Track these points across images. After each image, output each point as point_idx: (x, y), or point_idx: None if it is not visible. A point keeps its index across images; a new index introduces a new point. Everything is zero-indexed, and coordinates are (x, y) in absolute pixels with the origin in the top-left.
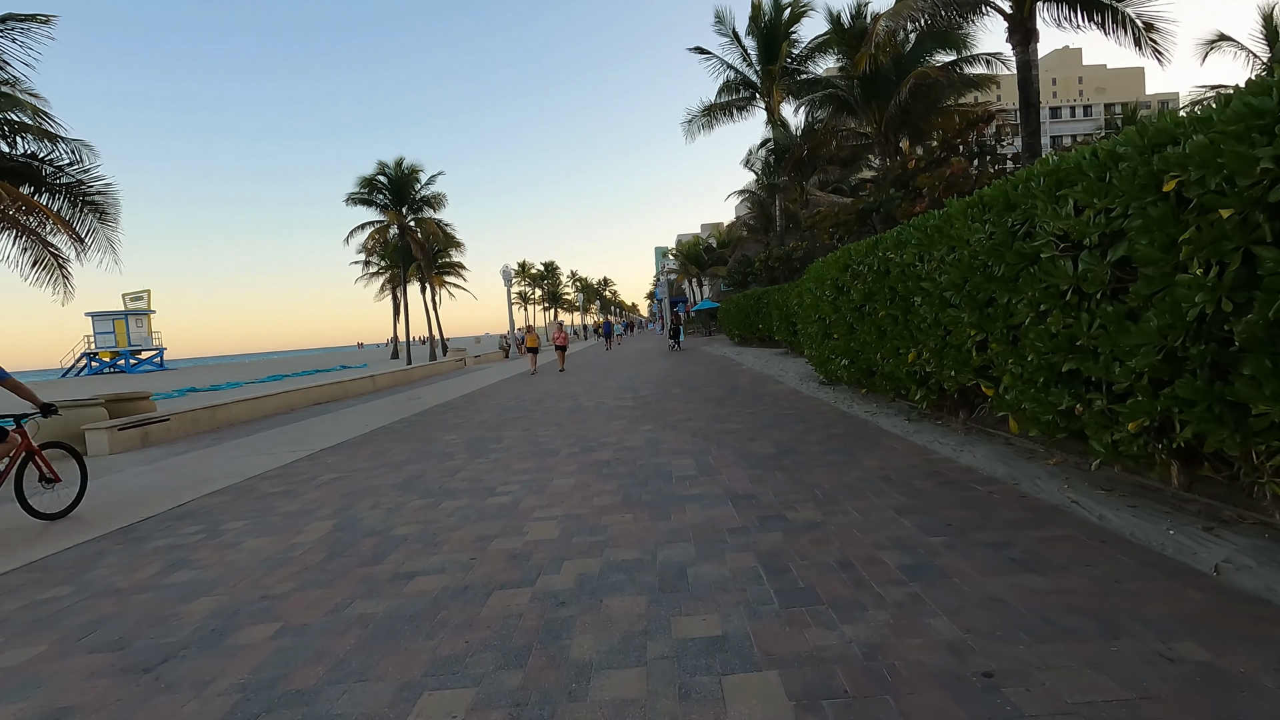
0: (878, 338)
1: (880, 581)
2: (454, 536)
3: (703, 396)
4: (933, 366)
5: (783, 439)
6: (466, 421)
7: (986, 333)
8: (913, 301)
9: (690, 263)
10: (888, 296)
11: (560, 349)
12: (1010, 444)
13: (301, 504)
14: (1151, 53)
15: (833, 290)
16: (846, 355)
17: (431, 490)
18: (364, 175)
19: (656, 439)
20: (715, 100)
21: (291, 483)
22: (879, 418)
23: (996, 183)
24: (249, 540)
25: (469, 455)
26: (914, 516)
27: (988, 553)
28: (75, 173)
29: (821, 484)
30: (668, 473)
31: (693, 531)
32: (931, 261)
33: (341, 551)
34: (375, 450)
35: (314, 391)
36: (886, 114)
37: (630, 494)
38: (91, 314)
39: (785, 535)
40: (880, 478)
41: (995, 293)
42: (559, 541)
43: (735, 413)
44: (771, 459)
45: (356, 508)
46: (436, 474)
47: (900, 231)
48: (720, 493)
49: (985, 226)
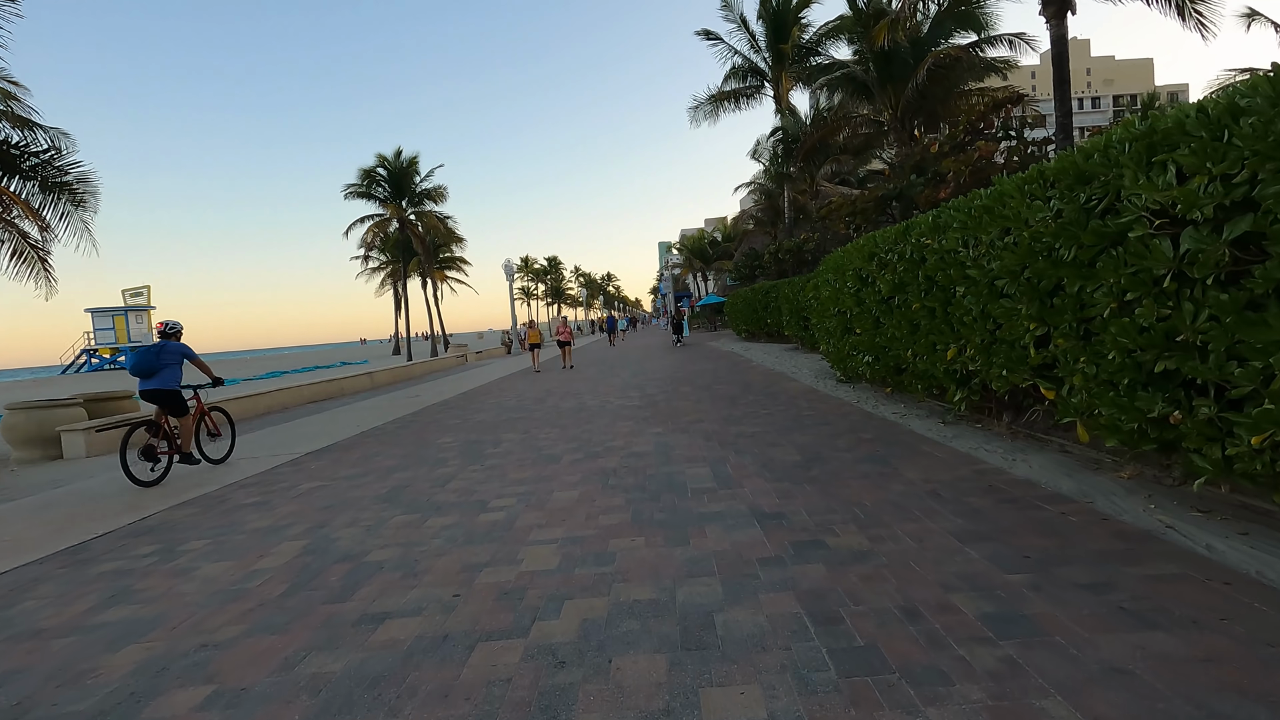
0: (909, 332)
1: (961, 639)
2: (437, 564)
3: (714, 395)
4: (978, 364)
5: (807, 444)
6: (464, 422)
7: (1049, 326)
8: (953, 292)
9: (695, 257)
10: (922, 287)
11: (564, 344)
12: (1067, 451)
13: (274, 519)
14: (1195, 24)
15: (855, 281)
16: (871, 351)
17: (418, 504)
18: (363, 167)
19: (667, 443)
20: (721, 88)
21: (268, 492)
22: (909, 420)
23: (1062, 154)
24: (205, 565)
25: (463, 461)
26: (980, 545)
27: (1087, 598)
28: (53, 160)
29: (860, 500)
30: (682, 484)
31: (717, 562)
32: (979, 247)
33: (307, 582)
34: (363, 455)
35: (308, 389)
36: (903, 98)
37: (640, 511)
38: (91, 310)
39: (829, 569)
40: (927, 493)
41: (1064, 280)
42: (559, 573)
43: (750, 413)
44: (797, 468)
45: (333, 524)
46: (425, 484)
47: (938, 215)
48: (744, 510)
49: (1050, 204)
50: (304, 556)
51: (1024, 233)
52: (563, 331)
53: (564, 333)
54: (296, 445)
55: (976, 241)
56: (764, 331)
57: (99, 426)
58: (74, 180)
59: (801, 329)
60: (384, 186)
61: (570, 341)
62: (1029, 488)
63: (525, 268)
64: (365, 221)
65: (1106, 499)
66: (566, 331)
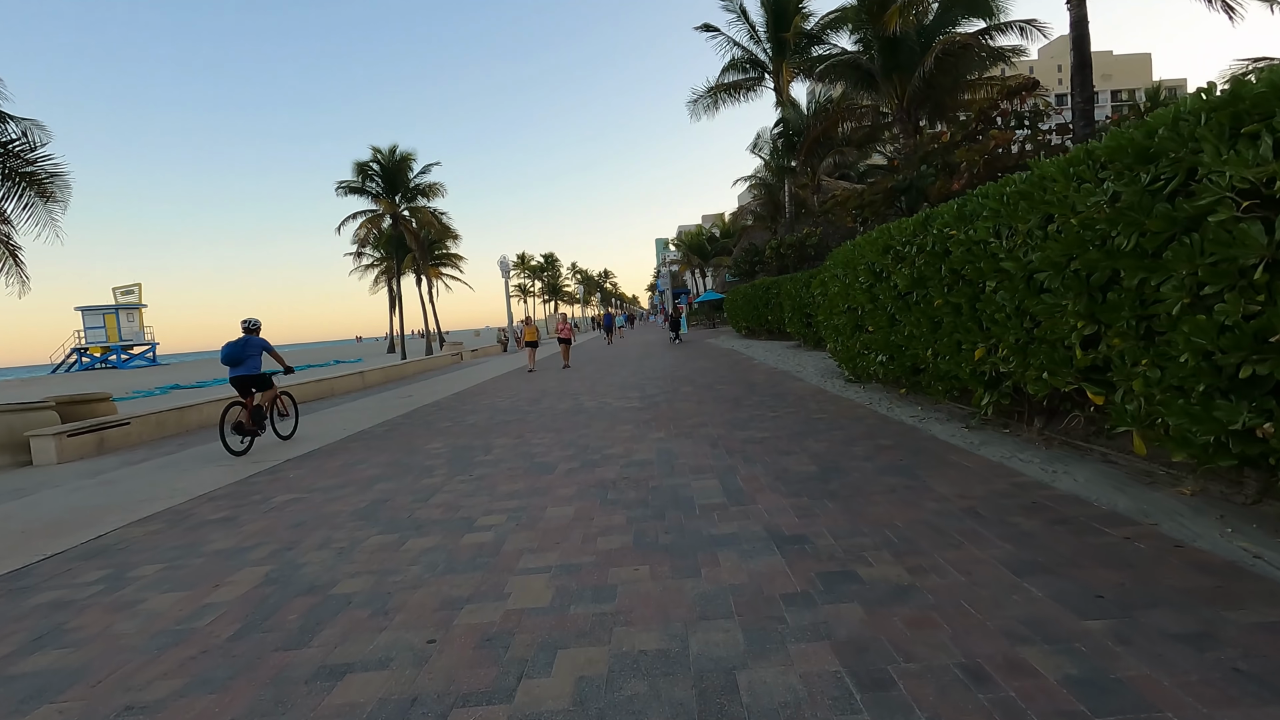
0: (929, 330)
1: (1048, 714)
2: (412, 599)
3: (717, 396)
4: (1012, 365)
5: (822, 452)
6: (454, 425)
7: (1101, 324)
8: (982, 287)
9: (693, 253)
10: (945, 281)
11: (564, 342)
12: (1111, 462)
13: (239, 539)
14: (1222, 5)
15: (868, 276)
16: (885, 350)
17: (398, 522)
18: (358, 160)
19: (670, 450)
20: (720, 80)
21: (238, 505)
22: (929, 424)
23: (1115, 131)
24: (153, 597)
25: (450, 471)
26: (1040, 579)
27: (1189, 656)
28: (23, 151)
29: (891, 520)
30: (688, 499)
31: (734, 599)
32: (1015, 237)
33: (262, 620)
34: (345, 462)
35: (296, 390)
36: (909, 87)
37: (644, 532)
38: (81, 308)
39: (866, 610)
40: (965, 511)
41: (1121, 272)
42: (551, 613)
43: (757, 416)
44: (815, 481)
45: (301, 546)
46: (407, 497)
47: (964, 203)
48: (760, 531)
49: (1104, 186)
50: (264, 587)
51: (1071, 220)
52: (562, 329)
53: (564, 330)
54: (276, 451)
55: (1012, 231)
56: (764, 329)
57: (70, 431)
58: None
59: (804, 326)
60: (377, 181)
61: (570, 339)
62: (1079, 505)
63: (522, 264)
64: (358, 217)
65: (1172, 520)
66: (566, 329)
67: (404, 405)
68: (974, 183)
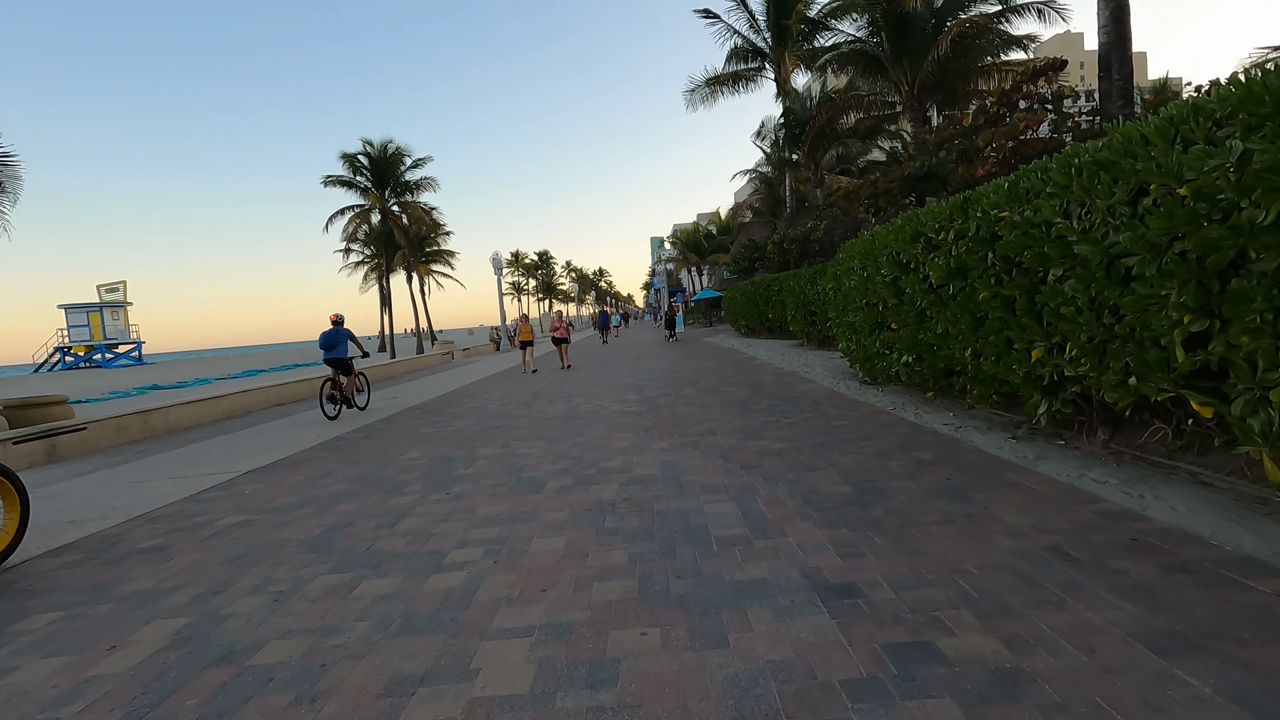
0: (970, 327)
1: None
2: (350, 678)
3: (722, 399)
4: (1084, 368)
5: (852, 468)
6: (437, 431)
7: (1218, 318)
8: (1042, 276)
9: (690, 250)
10: (993, 271)
11: (561, 342)
12: (1205, 484)
13: (161, 577)
14: None
15: (892, 268)
16: (912, 350)
17: (354, 555)
18: (346, 151)
19: (676, 464)
20: (721, 70)
21: (176, 530)
22: (967, 433)
23: (1240, 79)
24: (29, 663)
25: (424, 487)
26: (1195, 663)
27: None
28: None
29: (959, 562)
30: (702, 531)
31: (778, 687)
32: (1092, 214)
33: (150, 709)
34: (310, 476)
35: (275, 391)
36: (920, 73)
37: (651, 576)
38: (65, 306)
39: (967, 713)
40: (1050, 550)
41: (1255, 252)
42: (531, 705)
43: (770, 423)
44: (852, 506)
45: (232, 590)
46: (371, 521)
47: (1017, 179)
48: (796, 577)
49: (1229, 145)
50: (169, 651)
51: (1176, 191)
52: (559, 328)
53: (560, 329)
54: (238, 461)
55: (1087, 208)
56: (765, 327)
57: (16, 438)
58: None
59: (808, 324)
60: (366, 175)
61: (567, 339)
62: (1194, 545)
63: (516, 262)
64: (346, 213)
65: None
66: (563, 327)
67: (387, 408)
68: (1001, 168)
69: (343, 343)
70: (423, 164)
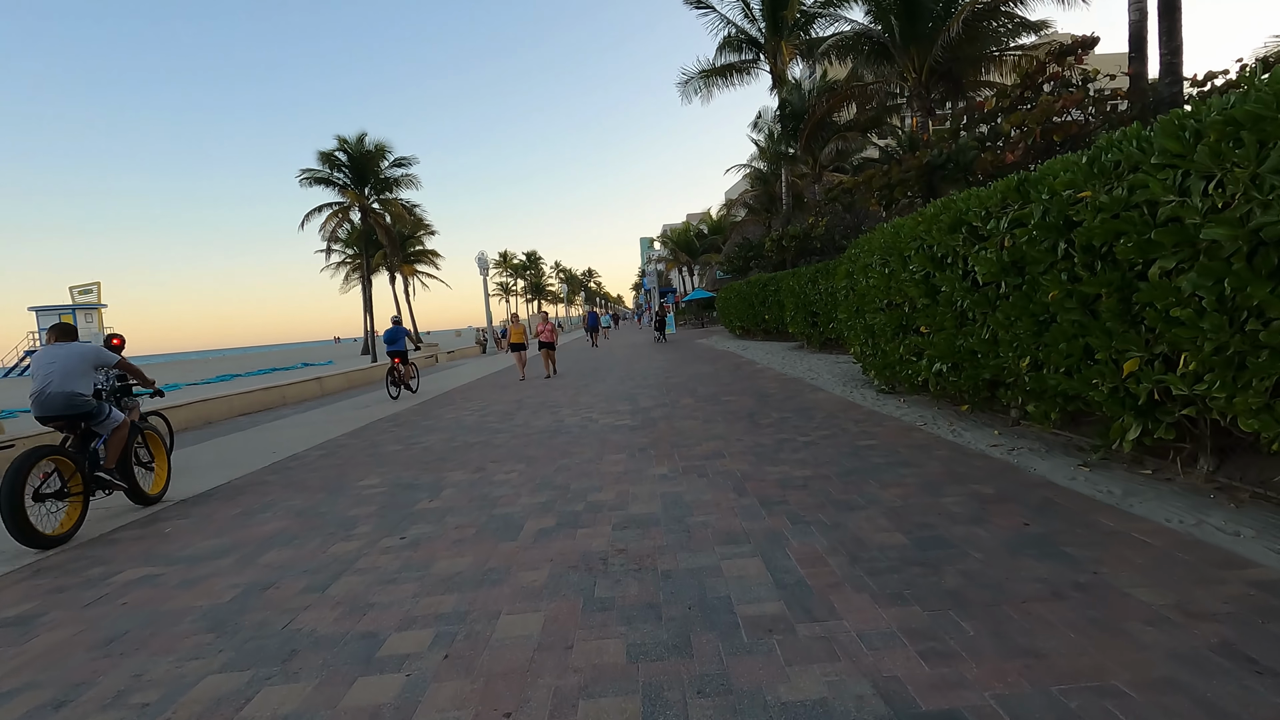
0: (1031, 332)
1: None
2: None
3: (726, 412)
4: (1208, 386)
5: (898, 506)
6: (404, 449)
7: None
8: (1140, 269)
9: (680, 250)
10: (1068, 266)
11: (546, 346)
12: None
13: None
14: None
15: (924, 263)
16: (947, 357)
17: (263, 639)
18: (322, 150)
19: (680, 499)
20: (713, 63)
21: (54, 590)
22: (1025, 458)
23: None
24: None
25: (376, 527)
26: None
27: None
28: None
29: (1099, 671)
30: (723, 604)
31: None
32: (1231, 188)
33: None
34: (244, 510)
35: (240, 400)
36: (928, 59)
37: (659, 688)
38: (35, 308)
39: None
40: (1223, 650)
41: None
42: None
43: (785, 442)
44: (916, 567)
45: (81, 701)
46: (300, 581)
47: (1098, 153)
48: (871, 698)
49: None
50: None
51: None
52: (544, 330)
53: (545, 332)
54: (175, 486)
55: (1218, 181)
56: (761, 329)
57: None
58: None
59: (809, 326)
60: (345, 171)
61: (554, 343)
62: None
63: (504, 263)
64: (323, 210)
65: None
66: (549, 330)
67: (356, 419)
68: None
69: (401, 338)
70: (407, 163)
